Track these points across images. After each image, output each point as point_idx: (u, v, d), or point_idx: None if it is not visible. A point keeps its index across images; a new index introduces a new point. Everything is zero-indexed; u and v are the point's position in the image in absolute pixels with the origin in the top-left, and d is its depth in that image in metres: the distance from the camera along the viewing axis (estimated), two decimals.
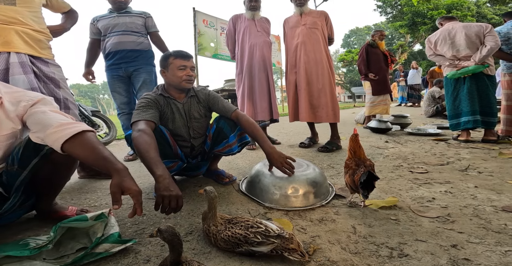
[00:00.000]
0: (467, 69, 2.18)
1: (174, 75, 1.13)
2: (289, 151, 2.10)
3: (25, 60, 1.14)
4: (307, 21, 2.12)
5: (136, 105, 1.10)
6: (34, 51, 1.18)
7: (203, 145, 1.28)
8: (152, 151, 0.86)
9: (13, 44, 1.12)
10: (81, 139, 0.69)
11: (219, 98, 1.23)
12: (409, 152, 2.02)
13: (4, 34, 1.11)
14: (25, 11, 1.18)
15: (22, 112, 0.78)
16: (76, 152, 0.69)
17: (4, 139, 0.77)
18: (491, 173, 1.44)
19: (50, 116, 0.74)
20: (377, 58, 3.21)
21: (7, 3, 1.14)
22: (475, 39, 2.19)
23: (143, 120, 1.00)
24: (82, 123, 0.75)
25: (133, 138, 0.92)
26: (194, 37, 5.48)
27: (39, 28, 1.23)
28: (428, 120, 4.13)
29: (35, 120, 0.74)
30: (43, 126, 0.71)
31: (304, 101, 2.04)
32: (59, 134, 0.68)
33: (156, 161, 0.84)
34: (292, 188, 1.09)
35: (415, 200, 1.12)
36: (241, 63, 2.20)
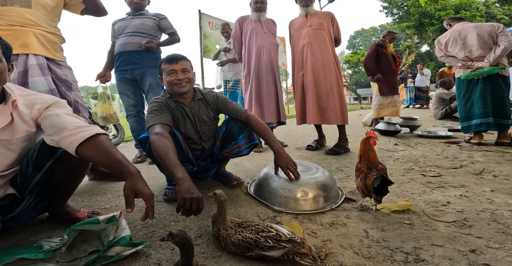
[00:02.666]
0: (482, 71, 2.13)
1: (165, 81, 1.14)
2: (296, 154, 2.09)
3: (43, 62, 1.19)
4: (313, 22, 2.12)
5: (148, 109, 1.11)
6: (49, 53, 1.23)
7: (212, 147, 1.28)
8: (171, 153, 0.88)
9: (31, 46, 1.16)
10: (95, 142, 0.71)
11: (228, 100, 1.24)
12: (420, 155, 1.98)
13: (22, 36, 1.15)
14: (40, 13, 1.23)
15: (37, 115, 0.80)
16: (90, 155, 0.70)
17: (19, 142, 0.79)
18: (507, 176, 1.40)
19: (64, 119, 0.76)
20: (387, 59, 3.19)
21: (23, 6, 1.18)
22: (488, 39, 2.15)
23: (159, 123, 1.01)
24: (95, 126, 0.76)
25: (152, 141, 0.94)
26: (199, 40, 5.56)
27: (53, 30, 1.27)
28: (438, 123, 4.05)
29: (50, 123, 0.75)
30: (57, 129, 0.73)
31: (311, 103, 2.03)
32: (73, 137, 0.70)
33: (176, 164, 0.85)
34: (301, 191, 1.08)
35: (429, 204, 1.09)
36: (248, 65, 2.21)
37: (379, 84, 3.16)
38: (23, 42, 1.15)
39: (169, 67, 1.11)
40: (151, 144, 0.94)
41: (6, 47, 0.81)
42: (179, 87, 1.11)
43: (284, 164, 1.08)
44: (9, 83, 0.82)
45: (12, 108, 0.76)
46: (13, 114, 0.76)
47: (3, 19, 1.15)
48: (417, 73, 7.92)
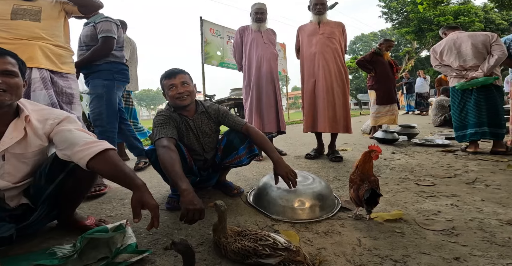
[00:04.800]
0: (476, 81, 2.20)
1: (168, 95, 1.21)
2: (295, 163, 2.16)
3: (46, 75, 1.25)
4: (325, 31, 2.20)
5: (154, 122, 1.18)
6: (54, 66, 1.29)
7: (214, 157, 1.36)
8: (177, 166, 0.95)
9: (35, 60, 1.23)
10: (104, 157, 0.78)
11: (228, 113, 1.32)
12: (416, 163, 2.05)
13: (28, 50, 1.21)
14: (48, 26, 1.30)
15: (49, 130, 0.86)
16: (100, 169, 0.77)
17: (32, 155, 0.86)
18: (498, 186, 1.47)
19: (76, 134, 0.83)
20: (383, 68, 3.27)
21: (32, 19, 1.26)
22: (482, 48, 2.21)
23: (165, 137, 1.08)
24: (104, 141, 0.83)
25: (159, 154, 1.01)
26: (201, 46, 5.70)
27: (61, 43, 1.34)
28: (436, 130, 4.14)
29: (62, 138, 0.82)
30: (69, 144, 0.80)
31: (324, 111, 2.10)
32: (85, 152, 0.76)
33: (181, 176, 0.92)
34: (298, 201, 1.15)
35: (421, 213, 1.16)
36: (248, 75, 2.30)
37: (376, 93, 3.25)
38: (28, 55, 1.20)
39: (168, 82, 1.18)
40: (158, 156, 1.01)
41: (22, 62, 0.87)
42: (180, 101, 1.19)
43: (283, 173, 1.15)
44: (22, 98, 0.90)
45: (26, 123, 0.83)
46: (27, 129, 0.83)
47: (10, 33, 1.21)
48: (418, 79, 8.04)
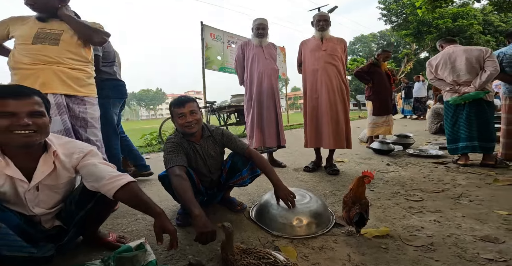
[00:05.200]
0: (468, 95, 2.31)
1: (176, 123, 1.35)
2: (294, 176, 2.32)
3: (61, 100, 1.34)
4: (328, 47, 2.30)
5: (165, 149, 1.32)
6: (70, 90, 1.37)
7: (219, 177, 1.51)
8: (189, 193, 1.11)
9: (49, 85, 1.31)
10: (128, 189, 0.92)
11: (232, 137, 1.47)
12: (408, 177, 2.22)
13: (43, 75, 1.31)
14: (66, 50, 1.38)
15: (76, 163, 1.00)
16: (124, 199, 0.92)
17: (63, 186, 1.01)
18: (481, 201, 1.63)
19: (101, 168, 0.97)
20: (381, 79, 3.43)
21: (52, 43, 1.35)
22: (475, 64, 2.31)
23: (177, 165, 1.23)
24: (126, 174, 0.97)
25: (173, 182, 1.17)
26: (201, 51, 5.86)
27: (79, 65, 1.41)
28: (432, 138, 4.31)
29: (89, 172, 0.96)
30: (96, 177, 0.94)
31: (328, 128, 2.21)
32: (111, 186, 0.91)
33: (193, 202, 1.07)
34: (297, 219, 1.30)
35: (406, 229, 1.31)
36: (250, 90, 2.45)
37: (373, 104, 3.42)
38: (43, 81, 1.30)
39: (178, 110, 1.31)
40: (172, 184, 1.17)
41: (47, 101, 0.98)
42: (189, 129, 1.33)
43: (283, 195, 1.30)
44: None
45: (54, 157, 0.96)
46: (55, 163, 0.97)
47: (30, 57, 1.31)
48: (416, 83, 8.23)
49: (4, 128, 0.81)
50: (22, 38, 1.35)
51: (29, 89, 0.90)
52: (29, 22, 1.39)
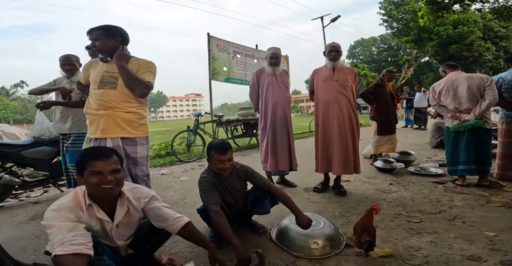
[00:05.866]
0: (468, 123, 2.57)
1: (215, 166, 1.63)
2: (305, 197, 2.61)
3: (117, 143, 1.62)
4: (339, 77, 2.52)
5: (201, 187, 1.60)
6: (124, 133, 1.64)
7: (244, 207, 1.81)
8: (227, 227, 1.41)
9: (108, 131, 1.60)
10: (187, 227, 1.23)
11: (255, 174, 1.77)
12: (409, 197, 2.51)
13: (103, 121, 1.59)
14: (122, 94, 1.62)
15: (143, 206, 1.29)
16: (184, 235, 1.23)
17: (135, 223, 1.31)
18: (473, 223, 1.92)
19: (164, 211, 1.26)
20: (385, 99, 3.70)
21: (111, 88, 1.62)
22: (476, 92, 2.53)
23: (214, 203, 1.51)
24: (184, 216, 1.27)
25: (212, 217, 1.47)
26: (208, 62, 6.20)
27: (133, 108, 1.66)
28: (432, 152, 4.62)
29: (155, 214, 1.26)
30: (162, 219, 1.24)
31: (338, 156, 2.47)
32: (175, 226, 1.21)
33: (232, 233, 1.37)
34: (314, 242, 1.59)
35: (406, 249, 1.60)
36: (265, 118, 2.75)
37: (377, 124, 3.72)
38: (103, 127, 1.59)
39: (219, 157, 1.60)
40: (212, 219, 1.47)
41: (121, 158, 1.25)
42: (225, 172, 1.64)
43: (304, 224, 1.58)
44: None
45: (127, 201, 1.25)
46: (128, 206, 1.25)
47: (96, 102, 1.61)
48: (417, 93, 8.59)
49: (94, 184, 1.11)
50: (92, 83, 1.66)
51: (109, 150, 1.21)
52: (98, 66, 1.69)
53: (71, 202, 1.10)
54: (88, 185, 1.13)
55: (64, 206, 1.06)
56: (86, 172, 1.11)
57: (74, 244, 0.93)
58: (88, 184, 1.12)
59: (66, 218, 1.03)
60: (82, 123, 2.50)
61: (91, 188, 1.13)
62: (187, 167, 4.34)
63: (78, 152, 2.18)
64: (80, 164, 1.13)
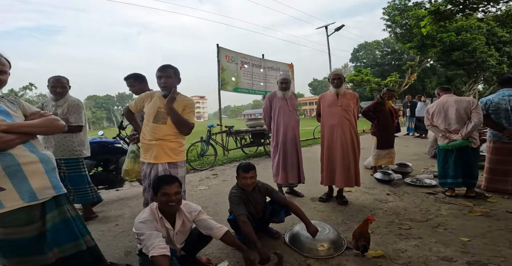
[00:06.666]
0: (455, 143, 3.01)
1: (240, 182, 2.12)
2: (312, 206, 3.06)
3: (166, 167, 2.08)
4: (342, 103, 2.95)
5: (232, 201, 2.05)
6: (170, 159, 2.10)
7: (263, 217, 2.26)
8: (252, 233, 1.86)
9: (159, 158, 2.06)
10: (227, 234, 1.68)
11: (273, 190, 2.23)
12: (402, 207, 2.95)
13: (155, 150, 2.05)
14: (169, 128, 2.04)
15: (194, 218, 1.74)
16: (225, 240, 1.68)
17: (187, 231, 1.76)
18: (453, 230, 2.36)
19: (210, 222, 1.72)
20: (384, 116, 4.15)
21: (162, 123, 2.05)
22: (463, 114, 2.94)
23: (242, 214, 1.97)
24: (223, 226, 1.72)
25: (241, 226, 1.91)
26: (218, 73, 6.69)
27: (175, 139, 2.08)
28: (429, 163, 5.07)
29: (203, 224, 1.71)
30: (209, 228, 1.69)
31: (340, 172, 2.93)
32: (218, 233, 1.67)
33: (256, 238, 1.83)
34: (320, 245, 2.04)
35: (395, 251, 2.05)
36: (276, 138, 3.23)
37: (377, 139, 4.17)
38: (155, 155, 2.06)
39: (243, 174, 2.09)
40: (240, 227, 1.92)
41: (181, 183, 1.71)
42: (248, 188, 2.11)
43: (313, 232, 2.03)
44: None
45: (183, 214, 1.71)
46: (184, 218, 1.72)
47: (149, 134, 2.05)
48: (418, 103, 9.07)
49: (164, 202, 1.59)
50: (148, 116, 2.09)
51: (174, 178, 1.68)
52: (153, 99, 2.11)
53: (150, 216, 1.58)
54: (159, 202, 1.61)
55: (147, 219, 1.55)
56: (159, 193, 1.59)
57: (161, 248, 1.40)
58: (159, 201, 1.61)
59: (150, 228, 1.51)
60: (65, 149, 2.55)
61: (161, 205, 1.62)
62: (202, 175, 4.81)
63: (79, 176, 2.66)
64: (155, 187, 1.62)
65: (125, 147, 3.42)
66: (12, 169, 1.22)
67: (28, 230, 1.29)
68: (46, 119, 1.40)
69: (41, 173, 1.32)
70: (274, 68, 8.63)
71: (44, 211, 1.35)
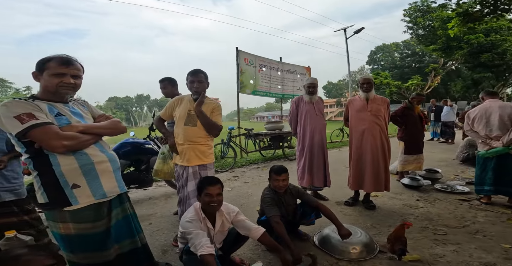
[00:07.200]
0: (495, 150, 2.92)
1: (273, 184, 2.17)
2: (338, 210, 3.05)
3: (196, 169, 2.18)
4: (372, 108, 2.95)
5: (265, 202, 2.11)
6: (200, 161, 2.20)
7: (293, 219, 2.30)
8: (285, 234, 1.91)
9: (190, 160, 2.15)
10: (264, 234, 1.74)
11: (305, 193, 2.27)
12: (435, 213, 2.89)
13: (187, 153, 2.15)
14: (199, 130, 2.12)
15: (232, 219, 1.82)
16: (262, 240, 1.74)
17: (226, 231, 1.83)
18: (492, 237, 2.29)
19: (247, 223, 1.79)
20: (413, 120, 4.07)
21: (192, 125, 2.14)
22: (507, 120, 2.84)
23: (274, 215, 2.01)
24: (261, 227, 1.78)
25: (274, 227, 1.96)
26: (236, 76, 6.82)
27: (205, 142, 2.17)
28: (459, 169, 4.91)
29: (241, 225, 1.78)
30: (247, 229, 1.76)
31: (369, 176, 2.94)
32: (256, 233, 1.73)
33: (289, 239, 1.87)
34: (353, 248, 2.05)
35: (432, 256, 2.02)
36: (303, 142, 3.26)
37: (405, 144, 4.10)
38: (187, 157, 2.16)
39: (276, 177, 2.15)
40: (274, 227, 1.96)
41: (222, 185, 1.79)
42: (279, 190, 2.17)
43: (345, 235, 2.03)
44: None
45: (222, 215, 1.79)
46: (223, 218, 1.79)
47: (183, 136, 2.14)
48: (444, 107, 8.76)
49: (206, 202, 1.68)
50: (178, 119, 2.19)
51: (217, 180, 1.76)
52: (183, 102, 2.21)
53: (195, 216, 1.68)
54: (202, 202, 1.71)
55: (193, 219, 1.64)
56: (203, 193, 1.69)
57: (208, 247, 1.48)
58: (202, 201, 1.70)
59: (196, 227, 1.60)
60: None
61: (204, 205, 1.71)
62: (223, 177, 4.89)
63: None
64: (200, 187, 1.72)
65: (155, 148, 3.57)
66: (87, 168, 1.34)
67: (98, 225, 1.40)
68: (112, 121, 1.54)
69: (109, 172, 1.45)
70: (292, 71, 8.69)
71: (110, 208, 1.47)
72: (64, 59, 1.34)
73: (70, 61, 1.35)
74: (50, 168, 1.28)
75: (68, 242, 1.35)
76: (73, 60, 1.38)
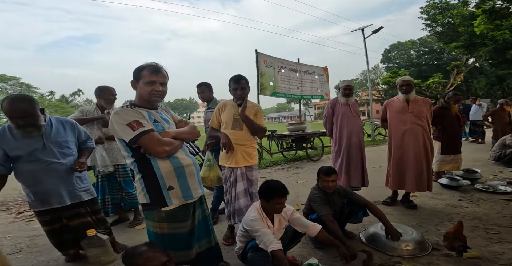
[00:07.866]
0: None
1: (322, 185, 2.22)
2: None
3: (243, 171, 2.26)
4: (414, 109, 2.98)
5: (315, 201, 2.15)
6: (246, 163, 2.28)
7: (340, 217, 2.33)
8: (339, 231, 1.96)
9: (238, 162, 2.24)
10: (321, 231, 1.79)
11: (352, 192, 2.32)
12: (482, 212, 2.85)
13: (236, 155, 2.23)
14: (244, 134, 2.24)
15: (288, 217, 1.88)
16: (320, 237, 1.79)
17: (283, 229, 1.89)
18: None
19: (303, 221, 1.85)
20: (451, 121, 4.01)
21: (239, 129, 2.25)
22: None
23: (326, 213, 2.06)
24: (317, 223, 1.83)
25: (328, 225, 1.99)
26: (256, 78, 6.92)
27: (250, 144, 2.29)
28: (497, 169, 4.80)
29: (298, 222, 1.84)
30: (304, 226, 1.82)
31: (412, 176, 2.95)
32: (314, 230, 1.78)
33: (342, 236, 1.92)
34: (406, 245, 2.06)
35: (490, 253, 2.00)
36: (339, 143, 3.29)
37: (442, 144, 4.04)
38: (235, 159, 2.24)
39: (325, 178, 2.20)
40: (328, 225, 1.98)
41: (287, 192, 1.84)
42: (328, 190, 2.21)
43: (393, 235, 2.05)
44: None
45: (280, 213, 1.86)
46: (280, 217, 1.86)
47: (232, 140, 2.22)
48: (473, 106, 8.55)
49: (276, 209, 1.76)
50: (226, 123, 2.29)
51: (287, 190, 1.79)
52: (227, 107, 2.32)
53: (258, 215, 1.75)
54: (269, 207, 1.77)
55: (257, 218, 1.72)
56: (273, 201, 1.74)
57: (277, 243, 1.56)
58: (270, 206, 1.77)
59: (262, 225, 1.67)
60: (118, 154, 2.80)
61: (270, 208, 1.78)
62: None
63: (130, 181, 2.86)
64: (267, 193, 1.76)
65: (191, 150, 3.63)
66: (178, 171, 1.47)
67: (185, 226, 1.51)
68: (190, 126, 1.66)
69: (194, 175, 1.56)
70: (310, 72, 8.75)
71: (194, 209, 1.58)
72: (154, 67, 1.44)
73: (159, 69, 1.46)
74: (153, 171, 1.41)
75: (162, 241, 1.44)
76: (161, 68, 1.48)
